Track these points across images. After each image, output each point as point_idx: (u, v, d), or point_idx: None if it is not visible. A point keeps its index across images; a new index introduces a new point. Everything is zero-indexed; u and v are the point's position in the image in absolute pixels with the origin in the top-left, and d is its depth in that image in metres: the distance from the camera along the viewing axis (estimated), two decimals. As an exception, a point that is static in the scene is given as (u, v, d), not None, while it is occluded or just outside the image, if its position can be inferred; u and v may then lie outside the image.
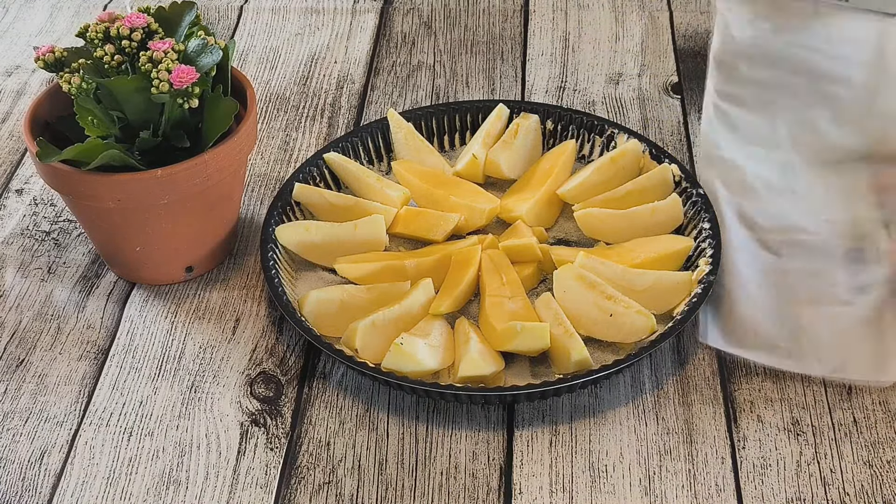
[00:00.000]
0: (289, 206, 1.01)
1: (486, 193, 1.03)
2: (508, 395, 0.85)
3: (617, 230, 0.99)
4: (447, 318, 0.93)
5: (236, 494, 0.82)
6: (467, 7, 1.35)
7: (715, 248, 0.95)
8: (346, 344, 0.90)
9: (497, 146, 1.07)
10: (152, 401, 0.89)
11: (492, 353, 0.89)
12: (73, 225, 1.05)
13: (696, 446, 0.85)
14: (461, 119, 1.11)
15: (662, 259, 0.96)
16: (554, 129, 1.09)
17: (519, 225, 1.00)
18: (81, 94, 0.88)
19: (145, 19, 0.90)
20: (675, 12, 1.33)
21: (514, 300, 0.92)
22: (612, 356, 0.89)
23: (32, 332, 0.95)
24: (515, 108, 1.10)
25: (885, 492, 0.81)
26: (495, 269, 0.95)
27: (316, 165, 1.05)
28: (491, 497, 0.82)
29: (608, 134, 1.07)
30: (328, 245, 0.98)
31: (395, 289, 0.94)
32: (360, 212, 1.00)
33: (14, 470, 0.84)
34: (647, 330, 0.89)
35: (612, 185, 1.03)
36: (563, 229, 1.03)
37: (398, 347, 0.86)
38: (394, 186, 1.03)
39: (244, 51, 1.29)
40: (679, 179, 1.02)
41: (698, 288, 0.92)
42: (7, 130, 1.18)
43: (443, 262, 0.97)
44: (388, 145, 1.09)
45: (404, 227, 1.01)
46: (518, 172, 1.07)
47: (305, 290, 0.96)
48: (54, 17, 1.36)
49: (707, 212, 0.98)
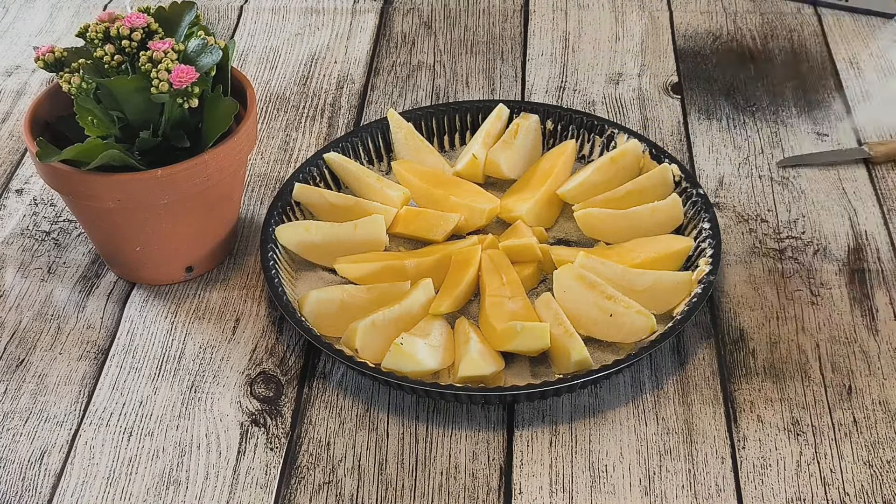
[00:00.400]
0: (289, 206, 1.01)
1: (486, 193, 1.03)
2: (508, 395, 0.85)
3: (617, 230, 0.99)
4: (447, 318, 0.93)
5: (236, 494, 0.82)
6: (467, 7, 1.35)
7: (715, 248, 0.94)
8: (346, 344, 0.90)
9: (497, 146, 1.07)
10: (152, 401, 0.89)
11: (492, 353, 0.89)
12: (73, 225, 1.05)
13: (696, 446, 0.85)
14: (461, 119, 1.11)
15: (662, 259, 0.96)
16: (554, 129, 1.09)
17: (519, 225, 1.00)
18: (81, 94, 0.88)
19: (145, 19, 0.90)
20: (675, 12, 1.33)
21: (514, 300, 0.92)
22: (612, 356, 0.89)
23: (32, 332, 0.95)
24: (515, 108, 1.10)
25: (885, 492, 0.81)
26: (495, 269, 0.95)
27: (316, 165, 1.05)
28: (491, 497, 0.82)
29: (608, 134, 1.07)
30: (328, 245, 0.98)
31: (395, 289, 0.94)
32: (360, 212, 1.00)
33: (14, 470, 0.84)
34: (647, 330, 0.89)
35: (612, 185, 1.03)
36: (563, 229, 1.03)
37: (398, 347, 0.85)
38: (394, 186, 1.03)
39: (244, 51, 1.29)
40: (679, 179, 1.02)
41: (698, 288, 0.92)
42: (7, 130, 1.18)
43: (443, 262, 0.97)
44: (388, 145, 1.09)
45: (404, 227, 1.01)
46: (518, 172, 1.07)
47: (305, 290, 0.96)
48: (54, 17, 1.36)
49: (707, 212, 0.98)
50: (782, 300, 0.96)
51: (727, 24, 1.31)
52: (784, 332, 0.93)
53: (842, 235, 1.03)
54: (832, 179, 1.09)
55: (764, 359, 0.91)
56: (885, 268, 0.99)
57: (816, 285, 0.98)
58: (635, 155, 1.05)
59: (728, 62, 1.25)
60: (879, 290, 0.97)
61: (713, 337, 0.93)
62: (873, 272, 0.99)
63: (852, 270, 0.99)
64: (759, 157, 1.11)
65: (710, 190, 1.07)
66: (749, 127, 1.15)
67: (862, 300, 0.96)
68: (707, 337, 0.93)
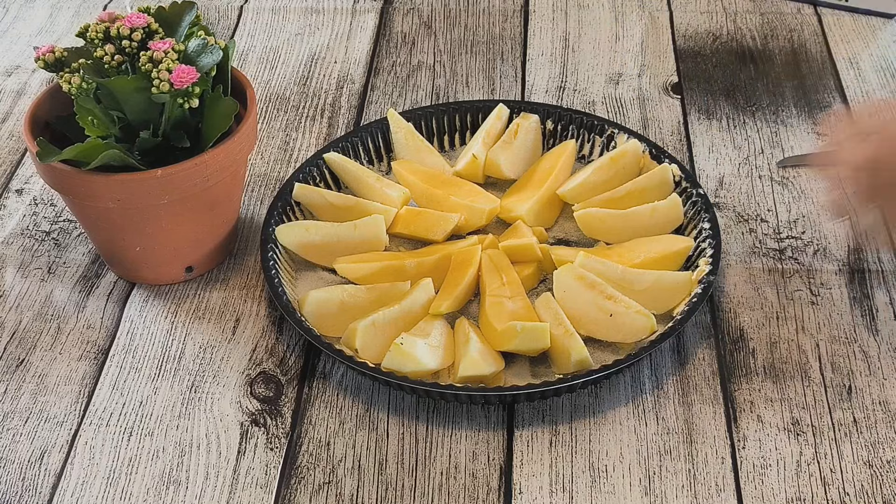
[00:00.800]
0: (289, 206, 1.01)
1: (486, 193, 1.03)
2: (508, 395, 0.85)
3: (617, 230, 0.99)
4: (447, 317, 0.93)
5: (236, 494, 0.82)
6: (467, 7, 1.35)
7: (715, 248, 0.95)
8: (346, 344, 0.90)
9: (497, 146, 1.07)
10: (152, 401, 0.89)
11: (492, 353, 0.89)
12: (73, 225, 1.05)
13: (696, 446, 0.85)
14: (461, 119, 1.11)
15: (662, 259, 0.96)
16: (554, 128, 1.09)
17: (519, 225, 1.00)
18: (81, 94, 0.88)
19: (145, 19, 0.90)
20: (675, 12, 1.33)
21: (514, 300, 0.92)
22: (612, 356, 0.89)
23: (32, 332, 0.95)
24: (515, 107, 1.10)
25: (885, 492, 0.81)
26: (495, 269, 0.95)
27: (316, 165, 1.05)
28: (491, 497, 0.82)
29: (608, 134, 1.07)
30: (328, 245, 0.98)
31: (395, 289, 0.94)
32: (361, 212, 1.00)
33: (14, 470, 0.84)
34: (647, 330, 0.89)
35: (612, 185, 1.03)
36: (563, 229, 1.03)
37: (398, 347, 0.85)
38: (394, 186, 1.03)
39: (244, 51, 1.29)
40: (679, 179, 1.02)
41: (698, 288, 0.92)
42: (7, 130, 1.18)
43: (443, 262, 0.97)
44: (388, 145, 1.09)
45: (404, 227, 1.01)
46: (518, 172, 1.07)
47: (305, 289, 0.96)
48: (54, 17, 1.36)
49: (707, 212, 0.98)
50: (782, 300, 0.96)
51: (727, 24, 1.31)
52: (784, 332, 0.93)
53: (842, 235, 1.03)
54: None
55: (764, 359, 0.91)
56: (885, 268, 0.99)
57: (816, 285, 0.98)
58: (635, 155, 1.05)
59: (728, 62, 1.25)
60: (879, 290, 0.97)
61: (713, 337, 0.93)
62: (873, 272, 0.99)
63: (852, 270, 0.99)
64: (758, 157, 1.11)
65: (710, 190, 1.07)
66: (749, 127, 1.15)
67: (862, 300, 0.96)
68: (707, 337, 0.93)
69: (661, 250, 0.97)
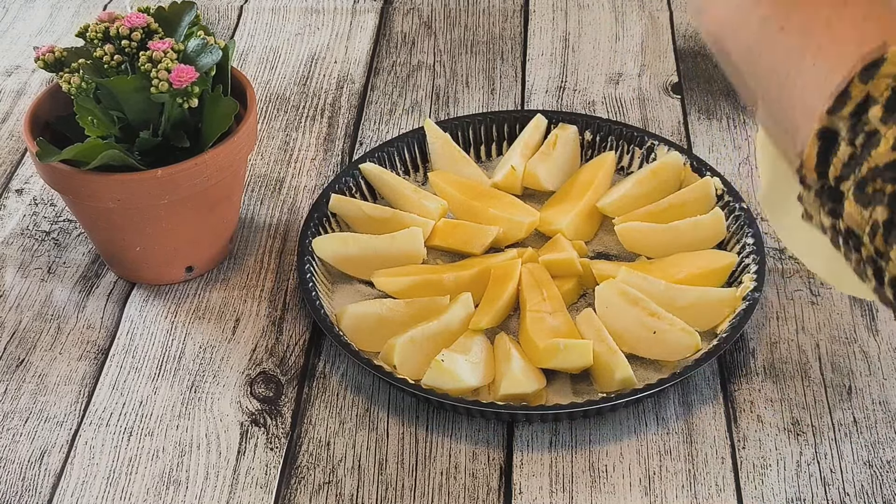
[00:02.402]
0: (325, 217, 1.00)
1: (525, 206, 1.01)
2: (550, 414, 0.84)
3: (658, 245, 0.97)
4: (486, 333, 0.92)
5: (236, 494, 0.82)
6: (467, 7, 1.35)
7: (759, 265, 0.92)
8: (385, 360, 0.88)
9: (535, 157, 1.05)
10: (152, 401, 0.89)
11: (534, 371, 0.87)
12: (73, 225, 1.05)
13: (696, 446, 0.85)
14: (498, 129, 1.09)
15: (706, 275, 0.94)
16: (592, 139, 1.08)
17: (559, 238, 0.98)
18: (81, 94, 0.88)
19: (145, 19, 0.90)
20: (675, 12, 1.33)
21: (554, 316, 0.91)
22: (654, 374, 0.88)
23: (32, 332, 0.95)
24: (553, 118, 1.08)
25: (885, 492, 0.81)
26: (536, 283, 0.93)
27: (352, 176, 1.03)
28: (491, 497, 0.82)
29: (648, 145, 1.05)
30: (365, 257, 0.96)
31: (434, 303, 0.92)
32: (398, 224, 0.98)
33: (14, 470, 0.84)
34: (691, 348, 0.87)
35: (652, 198, 1.01)
36: (603, 243, 1.01)
37: (439, 364, 0.84)
38: (431, 198, 1.02)
39: (244, 51, 1.29)
40: (721, 193, 1.00)
41: (742, 305, 0.90)
42: (7, 130, 1.18)
43: (482, 275, 0.95)
44: (423, 155, 1.07)
45: (442, 240, 0.99)
46: (556, 184, 1.05)
47: (342, 302, 0.94)
48: (54, 17, 1.36)
49: (751, 226, 0.96)
50: (782, 300, 0.96)
51: (727, 24, 1.31)
52: (784, 332, 0.93)
53: (842, 235, 1.02)
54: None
55: (764, 359, 0.91)
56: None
57: (816, 285, 0.98)
58: (676, 167, 1.03)
59: (728, 62, 1.25)
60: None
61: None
62: (873, 272, 0.99)
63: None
64: (759, 157, 1.11)
65: (710, 190, 1.07)
66: (749, 127, 1.15)
67: (862, 300, 0.96)
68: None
69: (705, 266, 0.95)
